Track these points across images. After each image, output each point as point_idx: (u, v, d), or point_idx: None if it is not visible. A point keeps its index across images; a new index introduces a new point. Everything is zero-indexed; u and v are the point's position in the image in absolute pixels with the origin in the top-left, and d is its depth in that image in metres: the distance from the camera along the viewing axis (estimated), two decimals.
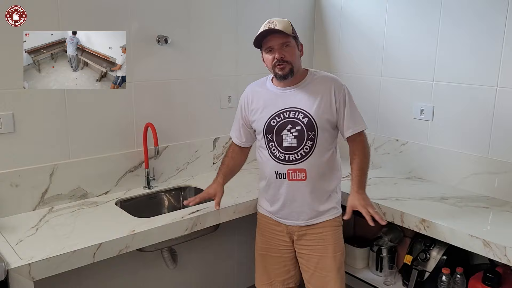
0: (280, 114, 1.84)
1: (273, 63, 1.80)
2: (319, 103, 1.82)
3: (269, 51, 1.81)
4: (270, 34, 1.78)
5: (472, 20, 2.17)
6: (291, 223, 1.91)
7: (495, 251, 1.70)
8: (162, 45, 2.23)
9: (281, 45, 1.78)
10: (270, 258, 2.02)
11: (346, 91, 1.86)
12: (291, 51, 1.80)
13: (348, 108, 1.85)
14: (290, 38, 1.79)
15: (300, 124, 1.81)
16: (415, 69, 2.43)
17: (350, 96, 1.87)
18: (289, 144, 1.82)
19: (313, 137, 1.81)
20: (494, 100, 2.14)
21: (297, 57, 1.84)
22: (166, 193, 2.34)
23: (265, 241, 2.02)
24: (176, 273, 2.45)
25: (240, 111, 2.00)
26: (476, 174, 2.24)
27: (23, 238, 1.71)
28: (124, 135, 2.21)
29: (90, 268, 1.79)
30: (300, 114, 1.82)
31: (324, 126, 1.83)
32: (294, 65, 1.80)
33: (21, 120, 1.90)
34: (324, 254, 1.90)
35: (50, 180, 1.99)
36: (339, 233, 1.94)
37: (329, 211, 1.90)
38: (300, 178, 1.83)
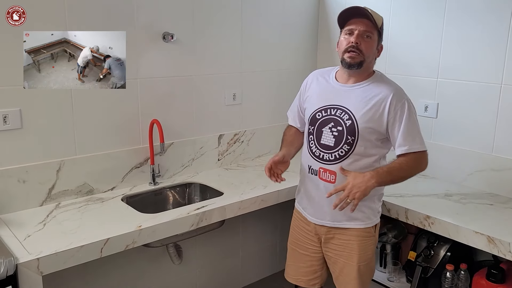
0: (327, 109, 1.78)
1: (346, 47, 1.71)
2: (369, 109, 1.71)
3: (348, 33, 1.71)
4: (358, 17, 1.69)
5: (476, 17, 2.17)
6: (317, 222, 1.85)
7: (499, 247, 1.71)
8: (168, 42, 2.24)
9: (364, 32, 1.69)
10: (298, 254, 1.98)
11: (407, 105, 1.71)
12: (369, 43, 1.70)
13: (406, 124, 1.70)
14: (375, 31, 1.71)
15: (342, 125, 1.73)
16: (419, 66, 2.43)
17: (411, 112, 1.72)
18: (327, 143, 1.77)
19: (352, 142, 1.72)
20: (499, 97, 2.14)
21: (373, 53, 1.74)
22: (171, 190, 2.35)
23: (295, 237, 1.98)
24: (181, 269, 2.46)
25: (299, 94, 1.96)
26: (480, 171, 2.24)
27: (31, 233, 1.73)
28: (129, 132, 2.22)
29: (96, 263, 1.81)
30: (345, 115, 1.74)
31: (367, 134, 1.72)
32: (366, 58, 1.71)
33: (28, 117, 1.91)
34: (349, 262, 1.83)
35: (57, 176, 2.01)
36: (367, 245, 1.83)
37: (358, 219, 1.80)
38: (329, 179, 1.77)
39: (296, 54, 2.88)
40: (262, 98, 2.76)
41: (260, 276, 2.89)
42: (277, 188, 2.24)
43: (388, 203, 2.09)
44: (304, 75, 2.91)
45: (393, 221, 2.21)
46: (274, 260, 2.94)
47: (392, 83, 1.79)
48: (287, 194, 2.26)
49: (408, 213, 2.02)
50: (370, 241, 1.84)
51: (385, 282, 2.31)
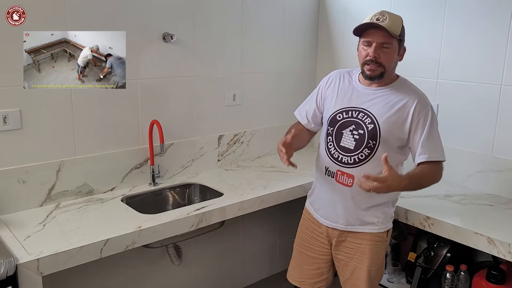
0: (349, 111, 1.75)
1: (365, 59, 1.69)
2: (392, 115, 1.69)
3: (366, 44, 1.68)
4: (373, 28, 1.65)
5: (477, 18, 2.17)
6: (330, 225, 1.83)
7: (499, 248, 1.71)
8: (168, 42, 2.24)
9: (381, 44, 1.65)
10: (306, 257, 1.95)
11: (431, 112, 1.69)
12: (389, 53, 1.67)
13: (428, 132, 1.67)
14: (393, 40, 1.66)
15: (364, 129, 1.71)
16: (419, 67, 2.43)
17: (434, 120, 1.70)
18: (347, 145, 1.74)
19: (373, 146, 1.70)
20: (499, 98, 2.14)
21: (393, 61, 1.71)
22: (171, 190, 2.35)
23: (304, 239, 1.95)
24: (181, 269, 2.46)
25: (318, 91, 1.90)
26: (480, 172, 2.25)
27: (31, 234, 1.72)
28: (129, 132, 2.22)
29: (96, 264, 1.80)
30: (368, 118, 1.71)
31: (389, 140, 1.70)
32: (386, 69, 1.69)
33: (28, 117, 1.91)
34: (360, 266, 1.81)
35: (56, 176, 2.01)
36: (379, 249, 1.81)
37: (372, 224, 1.78)
38: (346, 183, 1.75)
39: (296, 55, 2.88)
40: (262, 99, 2.76)
41: (259, 277, 2.89)
42: (277, 189, 2.25)
43: None
44: (304, 76, 2.94)
45: (394, 222, 2.20)
46: (274, 261, 2.94)
47: (417, 89, 1.76)
48: (287, 195, 2.26)
49: (408, 213, 2.02)
50: (382, 246, 1.83)
51: (385, 283, 2.31)
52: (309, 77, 2.96)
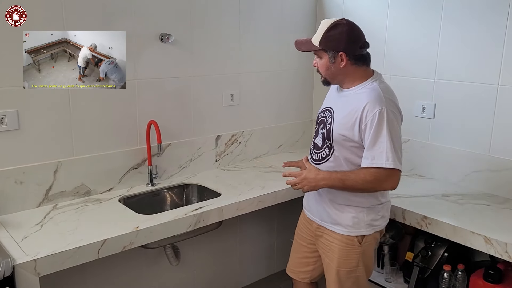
0: (325, 111, 1.84)
1: None
2: (345, 116, 1.71)
3: None
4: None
5: (473, 18, 2.18)
6: (310, 217, 1.93)
7: (496, 248, 1.72)
8: (165, 43, 2.24)
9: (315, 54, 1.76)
10: (297, 244, 2.05)
11: (379, 116, 1.61)
12: (321, 63, 1.74)
13: (374, 135, 1.62)
14: (319, 51, 1.73)
15: (325, 128, 1.79)
16: (416, 67, 2.44)
17: (385, 123, 1.61)
18: (317, 142, 1.83)
19: (330, 146, 1.75)
20: (495, 98, 2.15)
21: (329, 69, 1.72)
22: (169, 191, 2.35)
23: (299, 227, 2.03)
24: (179, 270, 2.46)
25: None
26: (477, 171, 2.25)
27: (28, 235, 1.72)
28: (127, 133, 2.22)
29: (93, 264, 1.80)
30: (330, 118, 1.78)
31: (341, 142, 1.71)
32: (326, 77, 1.76)
33: (26, 118, 1.91)
34: (330, 263, 1.86)
35: (54, 177, 2.01)
36: (350, 253, 1.80)
37: (341, 225, 1.79)
38: None
39: (293, 56, 2.88)
40: (260, 99, 2.76)
41: (257, 277, 2.89)
42: (275, 189, 2.25)
43: None
44: (301, 76, 2.95)
45: (391, 221, 2.20)
46: (272, 261, 2.94)
47: (375, 91, 1.68)
48: (284, 195, 2.27)
49: (405, 213, 2.02)
50: (354, 250, 1.80)
51: (383, 283, 2.32)
52: (307, 78, 2.96)
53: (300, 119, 2.98)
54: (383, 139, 1.62)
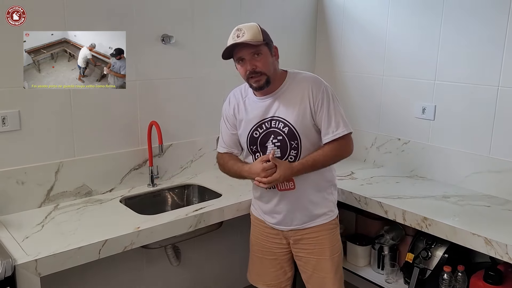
0: (262, 125, 1.78)
1: (246, 75, 1.71)
2: (298, 109, 1.73)
3: (240, 61, 1.72)
4: (238, 47, 1.68)
5: (474, 19, 2.18)
6: (285, 229, 1.88)
7: (496, 249, 1.72)
8: (167, 44, 2.24)
9: (252, 54, 1.68)
10: (266, 261, 1.98)
11: (325, 92, 1.73)
12: (263, 59, 1.69)
13: (327, 111, 1.72)
14: (261, 46, 1.68)
15: (282, 134, 1.75)
16: (417, 69, 2.44)
17: (330, 97, 1.74)
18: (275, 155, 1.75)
19: (297, 146, 1.75)
20: (496, 99, 2.15)
21: (271, 64, 1.73)
22: (170, 191, 2.36)
23: (260, 245, 1.98)
24: (180, 270, 2.47)
25: (224, 119, 1.91)
26: (477, 173, 2.25)
27: (29, 235, 1.73)
28: (128, 133, 2.23)
29: (94, 264, 1.80)
30: (280, 124, 1.75)
31: (307, 132, 1.75)
32: (269, 74, 1.71)
33: (27, 118, 1.92)
34: (322, 257, 1.87)
35: (55, 177, 2.01)
36: (335, 235, 1.91)
37: (324, 214, 1.86)
38: (288, 187, 1.79)
39: (294, 56, 2.88)
40: None
41: None
42: None
43: (385, 204, 2.09)
44: None
45: (391, 222, 2.22)
46: None
47: (306, 75, 1.81)
48: None
49: (406, 214, 2.02)
50: (336, 232, 1.92)
51: (383, 284, 2.32)
52: None
53: None
54: (336, 112, 1.74)
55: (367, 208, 2.18)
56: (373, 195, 2.17)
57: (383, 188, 2.30)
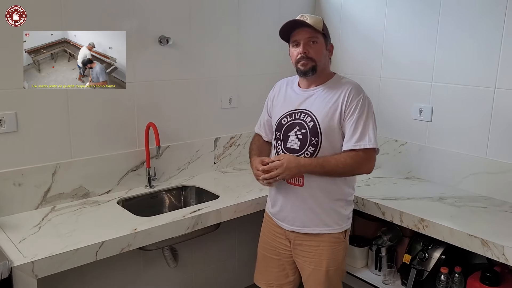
0: (292, 114, 1.81)
1: (297, 58, 1.75)
2: (329, 108, 1.74)
3: (295, 45, 1.77)
4: (298, 27, 1.73)
5: (470, 21, 2.19)
6: (287, 228, 1.86)
7: (493, 250, 1.72)
8: (164, 45, 2.24)
9: (308, 40, 1.72)
10: (270, 259, 1.98)
11: (362, 101, 1.71)
12: (317, 48, 1.74)
13: (356, 119, 1.70)
14: (319, 34, 1.73)
15: (306, 128, 1.75)
16: (414, 70, 2.45)
17: (366, 108, 1.72)
18: (292, 146, 1.78)
19: (316, 143, 1.74)
20: (492, 101, 2.16)
21: (323, 56, 1.77)
22: (167, 193, 2.36)
23: (267, 242, 1.98)
24: (177, 272, 2.46)
25: (266, 103, 2.00)
26: (474, 174, 2.26)
27: (26, 237, 1.72)
28: (126, 135, 2.23)
29: (91, 266, 1.80)
30: (308, 117, 1.76)
31: (330, 133, 1.73)
32: (318, 63, 1.74)
33: (24, 120, 1.91)
34: (318, 268, 1.84)
35: (52, 179, 2.01)
36: (337, 250, 1.84)
37: (328, 224, 1.81)
38: (297, 183, 1.78)
39: None
40: (258, 102, 2.73)
41: None
42: None
43: (382, 206, 2.10)
44: None
45: (388, 224, 2.22)
46: None
47: (351, 81, 1.81)
48: None
49: (403, 216, 2.03)
50: (340, 246, 1.85)
51: (380, 285, 2.32)
52: None
53: None
54: (366, 124, 1.71)
55: (364, 210, 2.19)
56: (371, 197, 2.18)
57: (380, 190, 2.30)
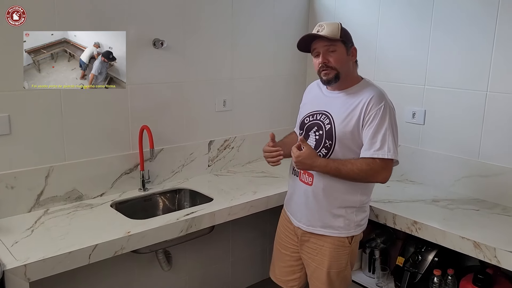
0: (315, 115, 1.85)
1: (318, 68, 1.79)
2: (348, 113, 1.75)
3: (316, 55, 1.79)
4: (315, 39, 1.76)
5: (462, 26, 2.21)
6: (295, 223, 1.92)
7: (485, 253, 1.74)
8: (158, 48, 2.24)
9: (326, 49, 1.74)
10: (280, 254, 2.05)
11: (383, 110, 1.70)
12: (336, 55, 1.74)
13: (377, 128, 1.69)
14: (337, 42, 1.74)
15: (323, 129, 1.79)
16: (407, 74, 2.47)
17: (387, 118, 1.70)
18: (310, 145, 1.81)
19: (329, 146, 1.76)
20: (484, 104, 2.18)
21: (345, 62, 1.77)
22: (161, 195, 2.35)
23: (280, 236, 2.05)
24: (171, 275, 2.46)
25: (302, 101, 2.04)
26: (466, 177, 2.27)
27: (19, 240, 1.71)
28: (119, 138, 2.22)
29: (85, 270, 1.80)
30: (327, 119, 1.79)
31: (344, 138, 1.75)
32: (340, 70, 1.75)
33: (17, 122, 1.90)
34: (319, 267, 1.87)
35: (45, 182, 2.00)
36: (341, 254, 1.85)
37: (333, 227, 1.82)
38: (307, 181, 1.83)
39: (286, 61, 2.90)
40: (252, 105, 2.77)
41: (250, 282, 2.89)
42: (267, 194, 2.26)
43: (376, 208, 2.11)
44: (294, 82, 2.96)
45: (382, 226, 2.23)
46: (264, 266, 2.93)
47: (376, 88, 1.79)
48: (277, 200, 2.27)
49: (396, 218, 2.04)
50: (345, 251, 1.86)
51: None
52: (299, 83, 2.98)
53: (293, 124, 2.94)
54: (386, 134, 1.69)
55: None
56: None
57: (373, 192, 2.28)
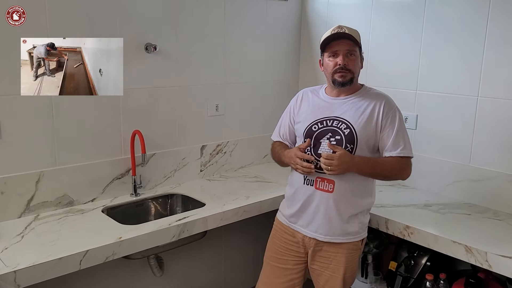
0: (323, 121, 1.83)
1: (334, 69, 1.79)
2: (364, 118, 1.78)
3: (332, 55, 1.80)
4: (340, 38, 1.77)
5: (453, 31, 2.23)
6: (308, 234, 1.85)
7: (476, 257, 1.74)
8: (151, 53, 2.24)
9: (347, 52, 1.77)
10: (278, 269, 1.96)
11: (397, 112, 1.81)
12: (354, 60, 1.79)
13: (397, 129, 1.78)
14: (357, 47, 1.79)
15: (341, 134, 1.78)
16: (398, 79, 2.48)
17: (401, 119, 1.82)
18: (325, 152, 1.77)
19: (351, 150, 1.77)
20: (475, 109, 2.19)
21: (358, 68, 1.82)
22: (153, 201, 2.34)
23: (276, 251, 1.97)
24: (163, 281, 2.44)
25: (290, 111, 1.99)
26: (458, 181, 2.29)
27: (9, 246, 1.69)
28: (111, 142, 2.21)
29: (76, 276, 1.77)
30: (343, 125, 1.79)
31: (364, 142, 1.78)
32: (355, 75, 1.80)
33: (8, 127, 1.89)
34: (335, 274, 1.85)
35: (36, 187, 1.98)
36: (354, 257, 1.87)
37: (350, 233, 1.83)
38: (327, 189, 1.79)
39: (278, 66, 2.91)
40: (245, 109, 2.77)
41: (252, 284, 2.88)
42: (260, 199, 2.26)
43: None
44: (287, 87, 2.97)
45: (374, 231, 2.23)
46: (257, 272, 2.90)
47: (382, 93, 1.87)
48: (270, 205, 2.27)
49: (389, 223, 2.04)
50: (357, 254, 1.89)
51: None
52: (292, 88, 2.98)
53: None
54: (405, 134, 1.82)
55: None
56: None
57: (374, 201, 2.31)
